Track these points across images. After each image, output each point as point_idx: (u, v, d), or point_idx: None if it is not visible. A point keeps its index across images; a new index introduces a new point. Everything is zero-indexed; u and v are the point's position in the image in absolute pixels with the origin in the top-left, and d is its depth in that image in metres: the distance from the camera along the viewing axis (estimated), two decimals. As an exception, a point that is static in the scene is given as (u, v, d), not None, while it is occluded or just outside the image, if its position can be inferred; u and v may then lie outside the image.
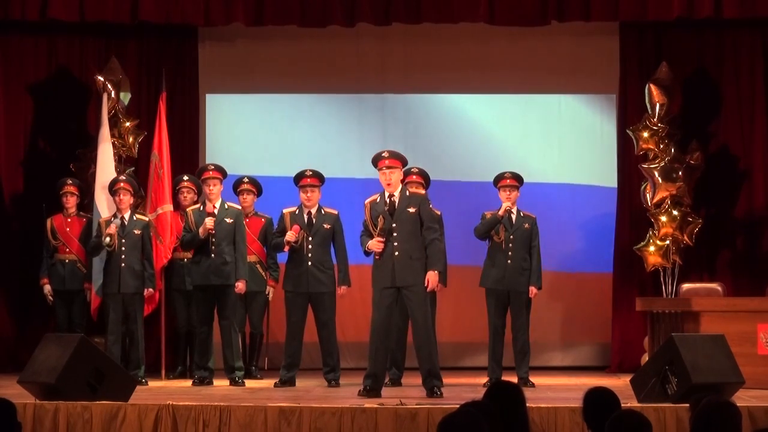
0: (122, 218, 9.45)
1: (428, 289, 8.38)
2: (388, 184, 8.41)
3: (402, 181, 8.64)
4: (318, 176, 9.33)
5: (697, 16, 10.29)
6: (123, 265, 9.41)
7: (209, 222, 9.19)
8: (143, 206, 10.17)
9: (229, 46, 11.37)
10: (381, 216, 8.37)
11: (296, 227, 9.18)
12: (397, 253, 8.33)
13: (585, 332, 11.26)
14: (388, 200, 8.42)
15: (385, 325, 8.34)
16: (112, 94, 10.41)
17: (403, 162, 8.58)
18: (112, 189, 9.59)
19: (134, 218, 9.56)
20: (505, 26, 10.64)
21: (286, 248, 9.22)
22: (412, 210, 8.40)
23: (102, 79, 10.39)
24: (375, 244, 8.35)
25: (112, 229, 9.34)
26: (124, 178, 9.72)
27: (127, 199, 9.52)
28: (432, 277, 8.33)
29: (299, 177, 9.34)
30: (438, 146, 11.26)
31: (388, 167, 8.45)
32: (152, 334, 10.32)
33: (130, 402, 7.10)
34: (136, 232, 9.48)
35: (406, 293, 8.32)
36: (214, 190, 9.33)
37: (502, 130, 11.36)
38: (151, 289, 9.59)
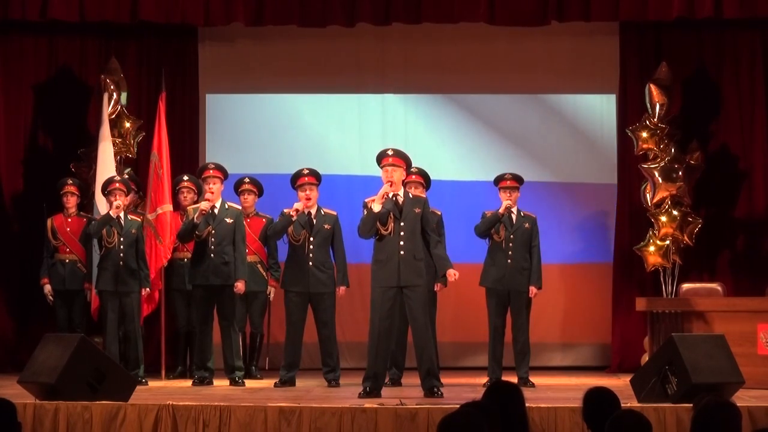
0: (118, 218, 9.45)
1: (454, 280, 8.51)
2: (390, 182, 8.41)
3: (402, 182, 8.66)
4: (315, 175, 9.33)
5: (697, 16, 10.30)
6: (121, 263, 9.43)
7: (204, 204, 9.20)
8: (143, 206, 10.17)
9: (229, 46, 11.38)
10: (391, 214, 8.36)
11: (302, 201, 9.16)
12: (402, 253, 8.34)
13: (585, 332, 11.26)
14: (393, 200, 8.42)
15: (386, 325, 8.34)
16: (114, 95, 10.41)
17: (407, 162, 8.59)
18: (107, 190, 9.58)
19: (129, 218, 9.57)
20: (505, 26, 10.64)
21: (294, 215, 9.10)
22: (417, 211, 8.43)
23: (107, 79, 10.38)
24: (387, 188, 8.36)
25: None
26: (118, 178, 9.72)
27: (121, 200, 9.53)
28: (453, 272, 8.45)
29: (297, 176, 9.34)
30: (438, 146, 11.27)
31: (392, 165, 8.47)
32: (152, 334, 10.33)
33: (130, 402, 7.10)
34: (132, 231, 9.50)
35: (407, 293, 8.33)
36: (214, 188, 9.32)
37: (502, 130, 11.36)
38: (147, 289, 9.61)
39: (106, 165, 10.06)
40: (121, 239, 9.44)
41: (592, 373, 10.68)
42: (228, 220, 9.30)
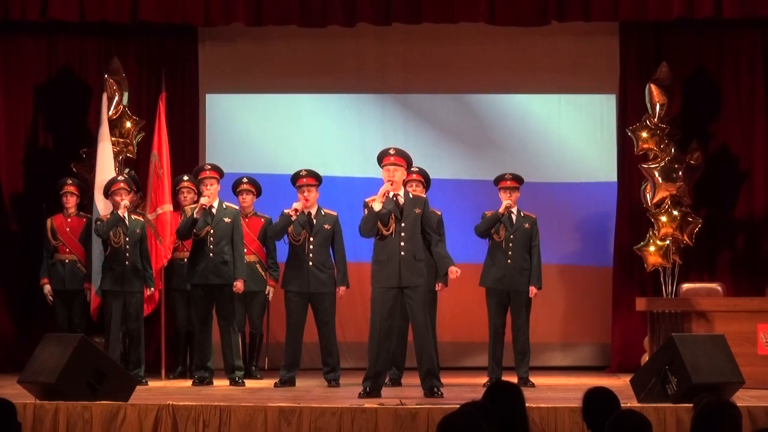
0: (123, 218, 9.46)
1: (455, 277, 8.48)
2: (391, 182, 8.40)
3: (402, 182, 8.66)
4: (314, 175, 9.33)
5: (697, 16, 10.30)
6: (127, 263, 9.44)
7: (203, 200, 9.22)
8: (143, 206, 10.17)
9: (229, 46, 11.38)
10: (392, 214, 8.36)
11: (301, 202, 9.17)
12: (403, 253, 8.34)
13: (585, 332, 11.27)
14: (394, 200, 8.42)
15: (386, 326, 8.34)
16: (116, 95, 10.40)
17: (408, 162, 8.59)
18: (110, 191, 9.58)
19: (132, 218, 9.58)
20: (505, 26, 10.64)
21: (293, 215, 9.11)
22: (417, 211, 8.43)
23: (110, 79, 10.37)
24: (387, 186, 8.34)
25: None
26: (121, 178, 9.72)
27: (127, 199, 9.54)
28: (455, 270, 8.42)
29: (296, 177, 9.34)
30: (438, 146, 11.27)
31: (393, 164, 8.46)
32: (152, 334, 10.33)
33: (130, 402, 7.09)
34: (137, 231, 9.53)
35: (408, 293, 8.33)
36: (212, 189, 9.33)
37: (502, 130, 11.36)
38: (152, 288, 9.63)
39: (105, 165, 10.05)
40: (127, 239, 9.45)
41: (592, 373, 10.68)
42: (226, 220, 9.31)
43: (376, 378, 8.33)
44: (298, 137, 11.35)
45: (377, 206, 8.32)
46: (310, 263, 9.23)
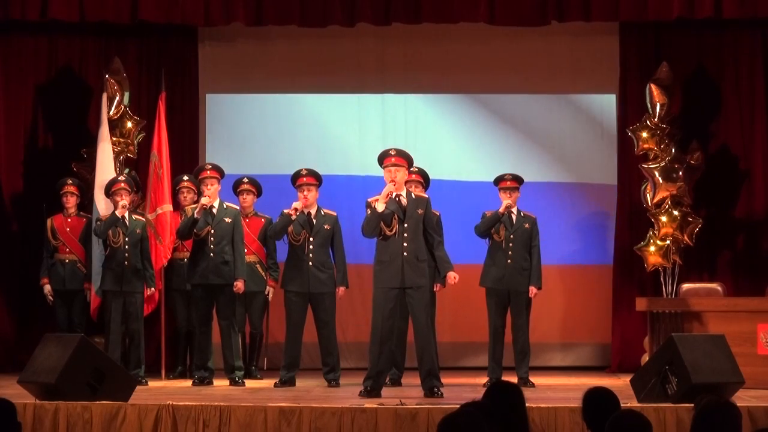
0: (123, 218, 9.46)
1: (453, 283, 8.51)
2: (393, 182, 8.39)
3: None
4: (314, 175, 9.33)
5: (697, 16, 10.30)
6: (126, 263, 9.44)
7: (204, 200, 9.22)
8: (143, 206, 10.17)
9: (229, 46, 11.38)
10: (395, 215, 8.36)
11: (301, 201, 9.17)
12: (406, 254, 8.34)
13: (585, 332, 11.26)
14: (397, 200, 8.41)
15: (388, 326, 8.34)
16: (117, 96, 10.39)
17: (409, 162, 8.59)
18: (111, 191, 9.58)
19: (133, 218, 9.58)
20: (505, 26, 10.65)
21: (293, 214, 9.11)
22: (420, 212, 8.42)
23: (111, 79, 10.36)
24: (391, 187, 8.33)
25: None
26: (122, 178, 9.72)
27: (126, 199, 9.54)
28: (453, 275, 8.48)
29: (296, 177, 9.34)
30: (438, 146, 11.27)
31: (394, 165, 8.45)
32: (152, 334, 10.33)
33: (130, 402, 7.10)
34: (137, 231, 9.52)
35: (410, 293, 8.33)
36: (212, 189, 9.33)
37: (502, 130, 11.36)
38: (152, 288, 9.63)
39: (104, 166, 10.05)
40: (126, 239, 9.46)
41: (592, 373, 10.68)
42: (227, 220, 9.31)
43: (377, 378, 8.33)
44: (298, 137, 11.35)
45: (380, 207, 8.31)
46: (310, 263, 9.23)
